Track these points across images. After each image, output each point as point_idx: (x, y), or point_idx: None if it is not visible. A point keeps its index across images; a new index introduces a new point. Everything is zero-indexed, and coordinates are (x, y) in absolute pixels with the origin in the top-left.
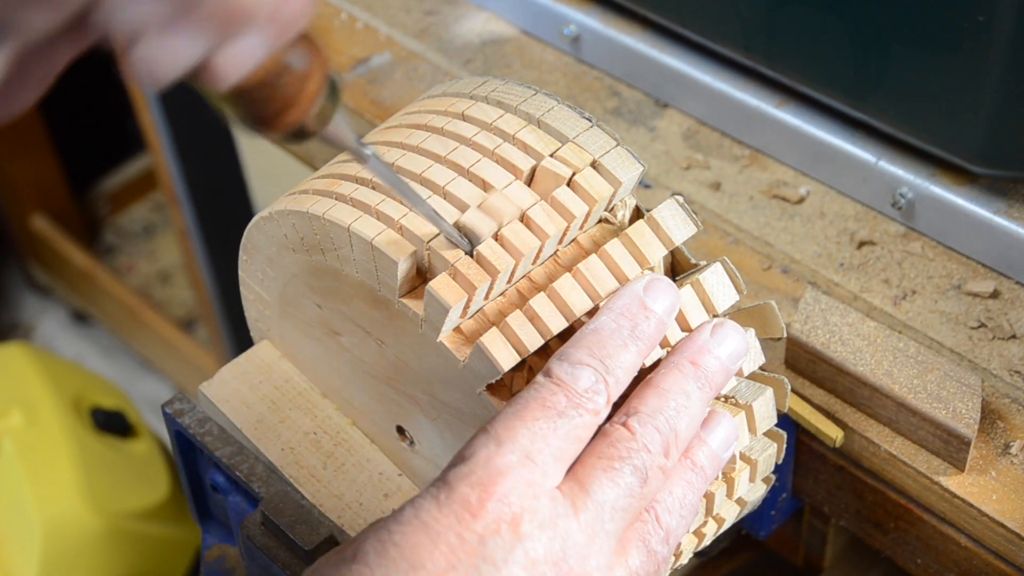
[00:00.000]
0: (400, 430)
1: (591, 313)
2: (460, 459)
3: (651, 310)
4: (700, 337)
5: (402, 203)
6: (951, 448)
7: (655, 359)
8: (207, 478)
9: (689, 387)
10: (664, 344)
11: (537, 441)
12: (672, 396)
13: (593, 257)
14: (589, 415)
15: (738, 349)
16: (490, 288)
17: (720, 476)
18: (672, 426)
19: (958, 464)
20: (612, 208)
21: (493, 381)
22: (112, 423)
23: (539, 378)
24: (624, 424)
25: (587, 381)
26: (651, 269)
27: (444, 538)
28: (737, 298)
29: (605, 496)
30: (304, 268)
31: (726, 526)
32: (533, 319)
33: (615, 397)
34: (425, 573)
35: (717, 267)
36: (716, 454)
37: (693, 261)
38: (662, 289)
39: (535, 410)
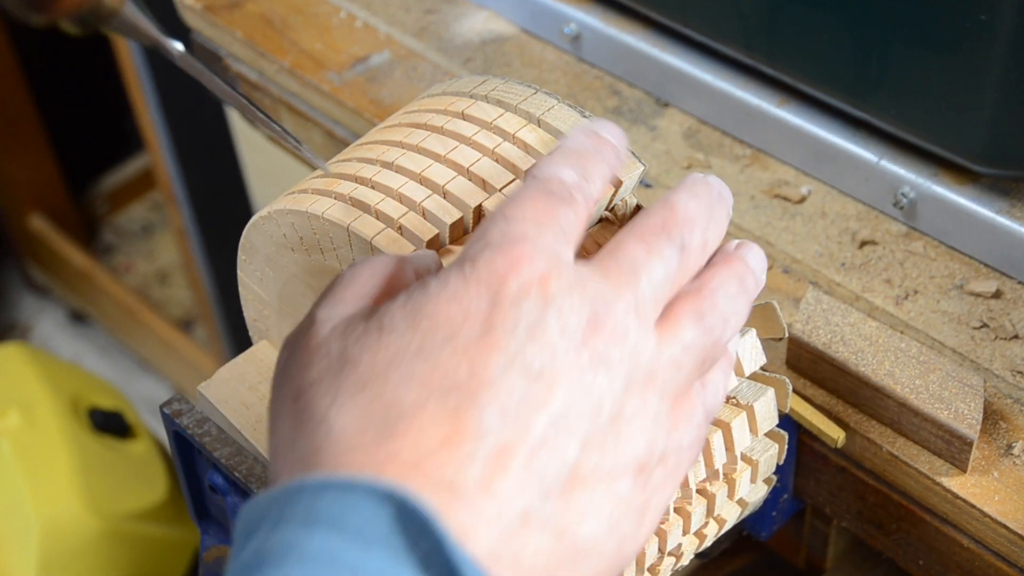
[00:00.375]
0: None
1: None
2: (474, 240)
3: (604, 138)
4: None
5: (402, 203)
6: (953, 449)
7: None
8: (206, 479)
9: (718, 198)
10: None
11: (545, 215)
12: (704, 197)
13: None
14: (583, 204)
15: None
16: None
17: (721, 477)
18: (710, 221)
19: (960, 465)
20: (613, 208)
21: None
22: (110, 424)
23: (523, 182)
24: (665, 202)
25: (571, 176)
26: None
27: (476, 306)
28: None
29: (638, 261)
30: (303, 268)
31: (727, 527)
32: None
33: (596, 198)
34: (460, 342)
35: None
36: (756, 270)
37: None
38: (608, 123)
39: (533, 192)
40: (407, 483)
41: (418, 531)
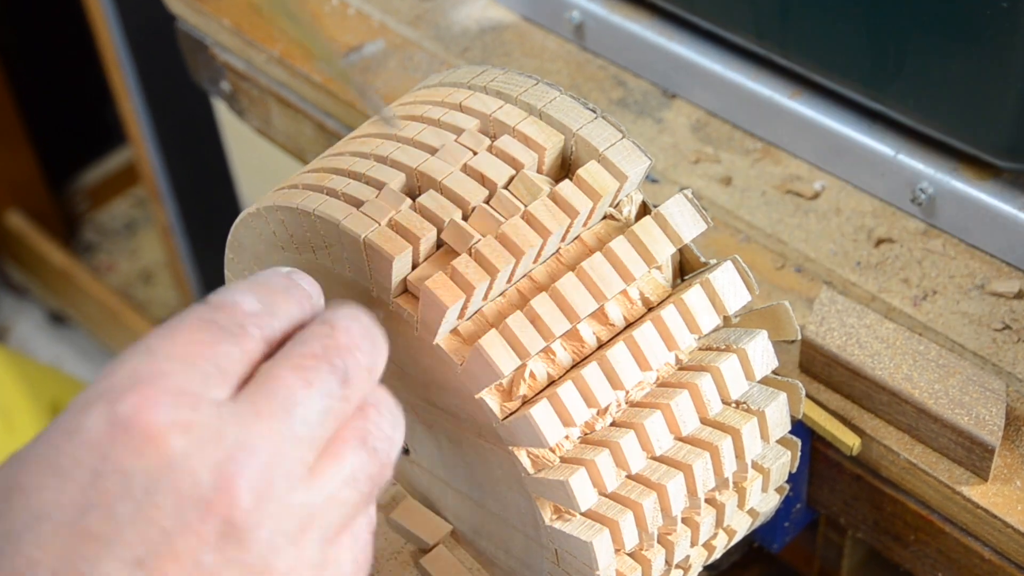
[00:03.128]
0: None
1: (595, 314)
2: (103, 375)
3: (296, 281)
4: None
5: (396, 199)
6: (974, 456)
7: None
8: None
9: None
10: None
11: (196, 351)
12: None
13: (597, 255)
14: (257, 341)
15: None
16: (489, 288)
17: (731, 486)
18: (371, 339)
19: (981, 473)
20: (618, 204)
21: (492, 385)
22: None
23: (194, 307)
24: (323, 322)
25: (251, 306)
26: (658, 268)
27: (74, 476)
28: (749, 298)
29: (296, 397)
30: (294, 267)
31: (737, 538)
32: (534, 320)
33: (278, 338)
34: (52, 524)
35: (728, 266)
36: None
37: (703, 260)
38: (303, 275)
39: (193, 322)
40: None
41: None
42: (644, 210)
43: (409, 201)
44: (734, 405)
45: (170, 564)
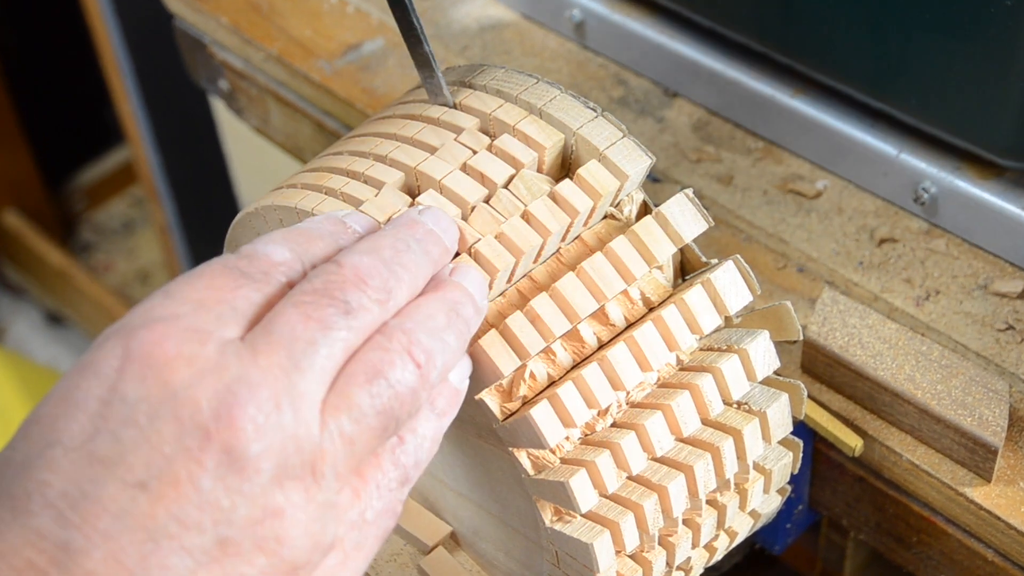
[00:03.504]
0: None
1: (595, 314)
2: (123, 317)
3: (349, 226)
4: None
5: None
6: (977, 457)
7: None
8: None
9: (406, 238)
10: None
11: (214, 295)
12: (387, 244)
13: (598, 255)
14: (282, 287)
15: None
16: (489, 287)
17: (732, 487)
18: (390, 270)
19: (984, 474)
20: (618, 203)
21: (492, 386)
22: None
23: (224, 255)
24: (332, 262)
25: (281, 255)
26: (659, 267)
27: (85, 406)
28: (750, 299)
29: (295, 331)
30: None
31: (739, 540)
32: (535, 321)
33: None
34: (62, 449)
35: (729, 266)
36: (475, 295)
37: (704, 259)
38: (361, 216)
39: (214, 268)
40: None
41: None
42: (645, 209)
43: (408, 200)
44: (735, 406)
45: (170, 488)
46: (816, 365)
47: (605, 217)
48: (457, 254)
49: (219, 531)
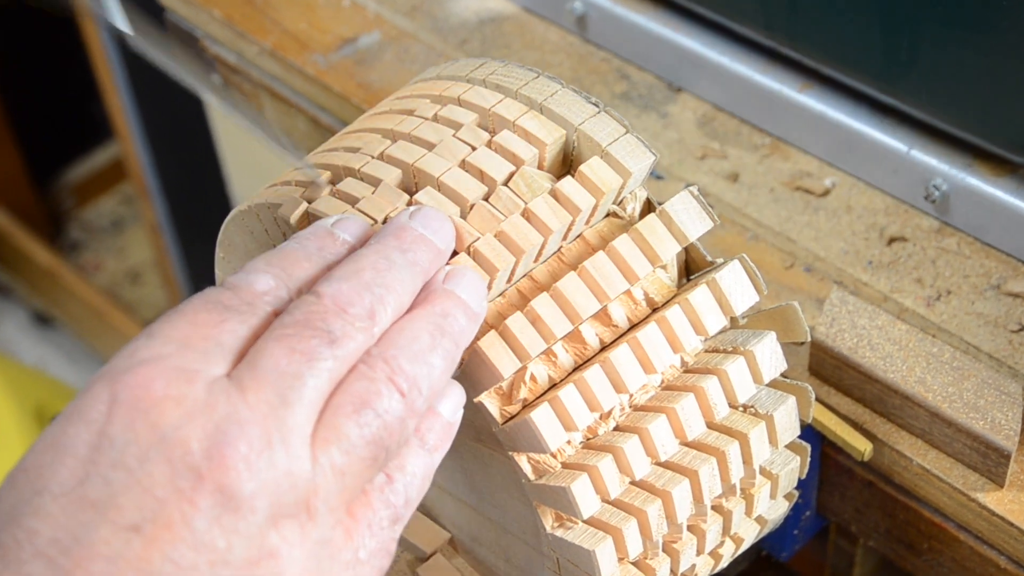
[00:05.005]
0: None
1: (598, 315)
2: (111, 360)
3: (337, 236)
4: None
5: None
6: (989, 462)
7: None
8: None
9: (389, 254)
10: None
11: (199, 330)
12: (368, 264)
13: (600, 254)
14: (268, 317)
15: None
16: (488, 288)
17: (738, 492)
18: (372, 293)
19: (997, 479)
20: (621, 201)
21: (492, 389)
22: None
23: (207, 289)
24: (311, 292)
25: (265, 284)
26: (663, 267)
27: (73, 451)
28: (757, 299)
29: (279, 366)
30: None
31: (745, 546)
32: (535, 321)
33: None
34: (51, 496)
35: (735, 265)
36: (469, 301)
37: (709, 259)
38: (351, 220)
39: (197, 306)
40: None
41: None
42: (648, 207)
43: (406, 198)
44: (741, 409)
45: (164, 530)
46: (824, 367)
47: (608, 215)
48: (456, 253)
49: (215, 572)
